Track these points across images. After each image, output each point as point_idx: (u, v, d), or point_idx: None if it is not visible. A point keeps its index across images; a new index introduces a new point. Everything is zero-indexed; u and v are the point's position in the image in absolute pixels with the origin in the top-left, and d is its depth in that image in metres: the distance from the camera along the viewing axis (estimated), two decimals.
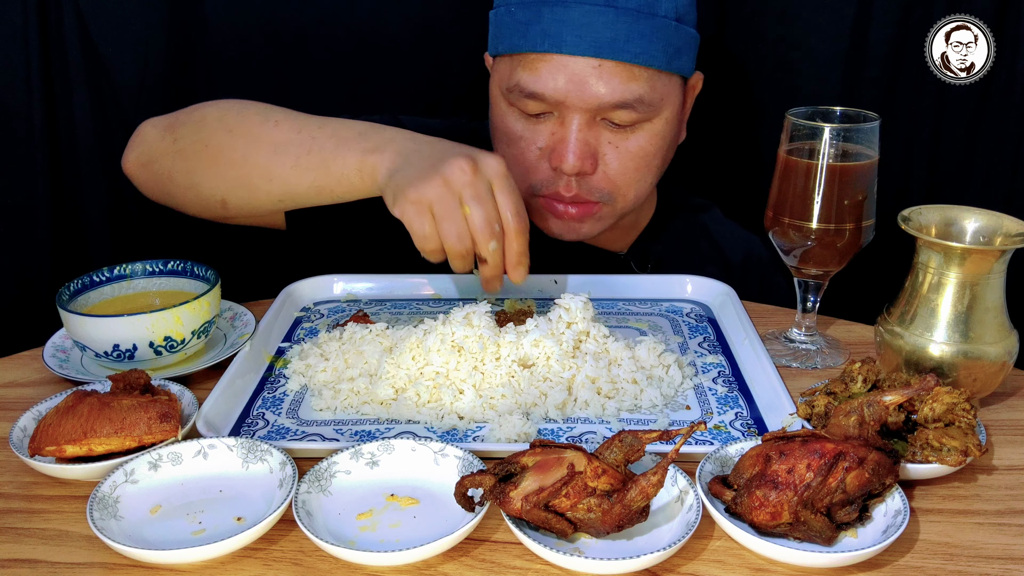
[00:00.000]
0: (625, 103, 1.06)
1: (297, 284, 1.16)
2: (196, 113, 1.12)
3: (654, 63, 1.06)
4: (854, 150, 0.94)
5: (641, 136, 1.10)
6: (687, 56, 1.11)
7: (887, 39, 1.39)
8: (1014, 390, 0.93)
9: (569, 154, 1.07)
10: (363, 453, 0.78)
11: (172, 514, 0.74)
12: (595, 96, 1.05)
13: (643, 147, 1.11)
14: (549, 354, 0.92)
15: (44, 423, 0.78)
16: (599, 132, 1.09)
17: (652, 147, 1.12)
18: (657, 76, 1.08)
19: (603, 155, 1.10)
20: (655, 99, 1.08)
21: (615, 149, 1.10)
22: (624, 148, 1.10)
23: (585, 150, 1.08)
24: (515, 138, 1.12)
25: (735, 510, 0.71)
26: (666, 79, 1.09)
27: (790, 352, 1.01)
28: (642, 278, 1.18)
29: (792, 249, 0.98)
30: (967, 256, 0.83)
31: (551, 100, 1.07)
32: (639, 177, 1.13)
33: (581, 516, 0.68)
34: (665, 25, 1.06)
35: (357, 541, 0.70)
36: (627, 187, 1.13)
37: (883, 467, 0.70)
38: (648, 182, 1.15)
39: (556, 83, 1.05)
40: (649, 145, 1.11)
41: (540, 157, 1.11)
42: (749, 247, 1.31)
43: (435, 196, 0.92)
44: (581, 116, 1.07)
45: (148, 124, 1.15)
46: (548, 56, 1.06)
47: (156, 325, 0.91)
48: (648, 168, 1.13)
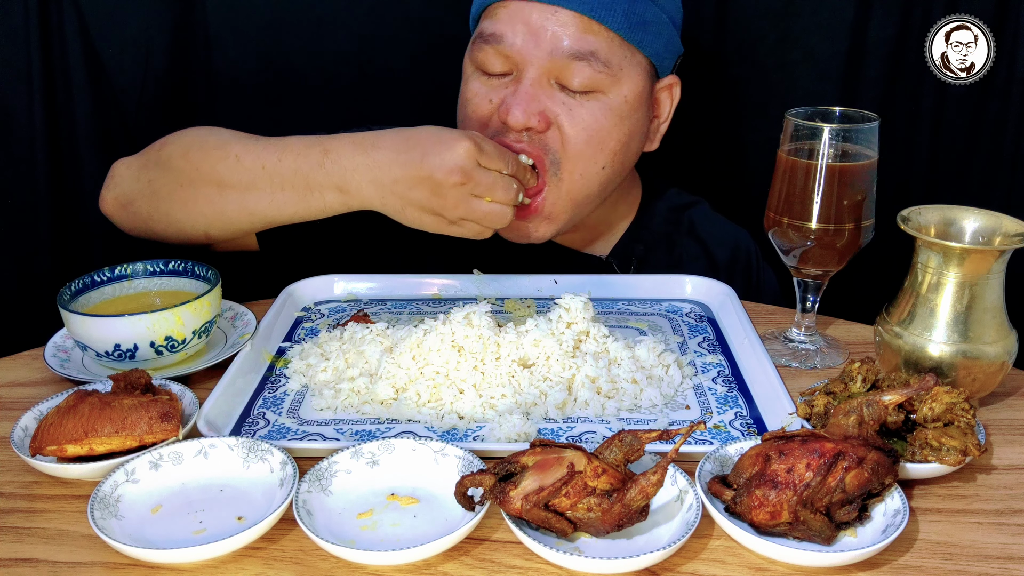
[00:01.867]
0: (578, 53, 1.05)
1: (298, 284, 1.16)
2: (163, 151, 1.12)
3: (612, 24, 1.05)
4: (854, 150, 0.94)
5: (595, 108, 1.08)
6: (655, 38, 1.09)
7: (887, 39, 1.39)
8: (1013, 390, 0.93)
9: (516, 107, 1.06)
10: (363, 453, 0.78)
11: (173, 513, 0.74)
12: (549, 43, 1.05)
13: (597, 120, 1.08)
14: (549, 354, 0.92)
15: (45, 423, 0.79)
16: (553, 92, 1.08)
17: (607, 122, 1.09)
18: (618, 42, 1.07)
19: (556, 115, 1.08)
20: (611, 61, 1.06)
21: (569, 112, 1.08)
22: (577, 115, 1.08)
23: (533, 105, 1.06)
24: (471, 97, 1.13)
25: (735, 510, 0.71)
26: (627, 52, 1.08)
27: (789, 352, 1.01)
28: (642, 278, 1.18)
29: (792, 249, 0.98)
30: (966, 256, 0.83)
31: (509, 45, 1.07)
32: (590, 154, 1.09)
33: (581, 515, 0.68)
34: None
35: (357, 540, 0.70)
36: (576, 159, 1.09)
37: (882, 467, 0.70)
38: (599, 164, 1.11)
39: (513, 27, 1.07)
40: (604, 119, 1.08)
41: (492, 111, 1.11)
42: (737, 241, 1.30)
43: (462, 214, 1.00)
44: (535, 71, 1.07)
45: (122, 164, 1.16)
46: (508, 3, 1.08)
47: (157, 325, 0.91)
48: (600, 148, 1.10)
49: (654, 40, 1.10)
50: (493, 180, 0.99)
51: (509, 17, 1.07)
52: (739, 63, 1.45)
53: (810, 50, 1.42)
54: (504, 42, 1.07)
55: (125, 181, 1.15)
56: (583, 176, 1.11)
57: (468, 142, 0.98)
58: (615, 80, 1.08)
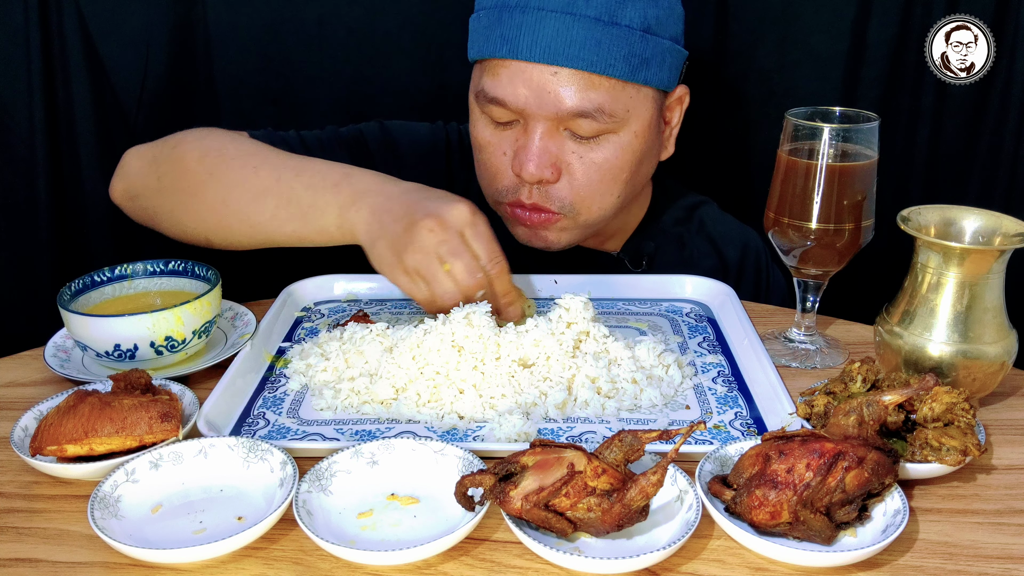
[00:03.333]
0: (584, 112, 1.04)
1: (298, 284, 1.16)
2: (178, 149, 1.11)
3: (613, 72, 1.04)
4: (854, 150, 0.94)
5: (606, 148, 1.08)
6: (659, 68, 1.08)
7: (887, 39, 1.39)
8: (1013, 390, 0.93)
9: (528, 161, 1.07)
10: (363, 452, 0.78)
11: (173, 513, 0.74)
12: (552, 104, 1.04)
13: (608, 160, 1.09)
14: (549, 354, 0.92)
15: (45, 423, 0.79)
16: (563, 142, 1.08)
17: (618, 161, 1.09)
18: (621, 86, 1.05)
19: (567, 165, 1.09)
20: (617, 110, 1.06)
21: (579, 160, 1.08)
22: (588, 159, 1.08)
23: (546, 158, 1.07)
24: (484, 144, 1.13)
25: (734, 510, 0.71)
26: (632, 91, 1.07)
27: (789, 352, 1.01)
28: (642, 278, 1.18)
29: (792, 249, 0.98)
30: (966, 256, 0.83)
31: (512, 106, 1.06)
32: (603, 190, 1.11)
33: (581, 515, 0.68)
34: (628, 34, 1.03)
35: (357, 540, 0.70)
36: (590, 200, 1.11)
37: (882, 467, 0.70)
38: (615, 195, 1.12)
39: (515, 89, 1.05)
40: (615, 158, 1.09)
41: (506, 164, 1.11)
42: (746, 241, 1.30)
43: (416, 263, 0.95)
44: (543, 124, 1.06)
45: (133, 154, 1.15)
46: (507, 62, 1.05)
47: (157, 325, 0.91)
48: (614, 182, 1.11)
49: (658, 71, 1.08)
50: (462, 253, 0.94)
51: (510, 79, 1.05)
52: (740, 64, 1.45)
53: (810, 50, 1.42)
54: (507, 105, 1.07)
55: (135, 173, 1.14)
56: (601, 208, 1.13)
57: (468, 208, 0.96)
58: (623, 122, 1.08)
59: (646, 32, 1.05)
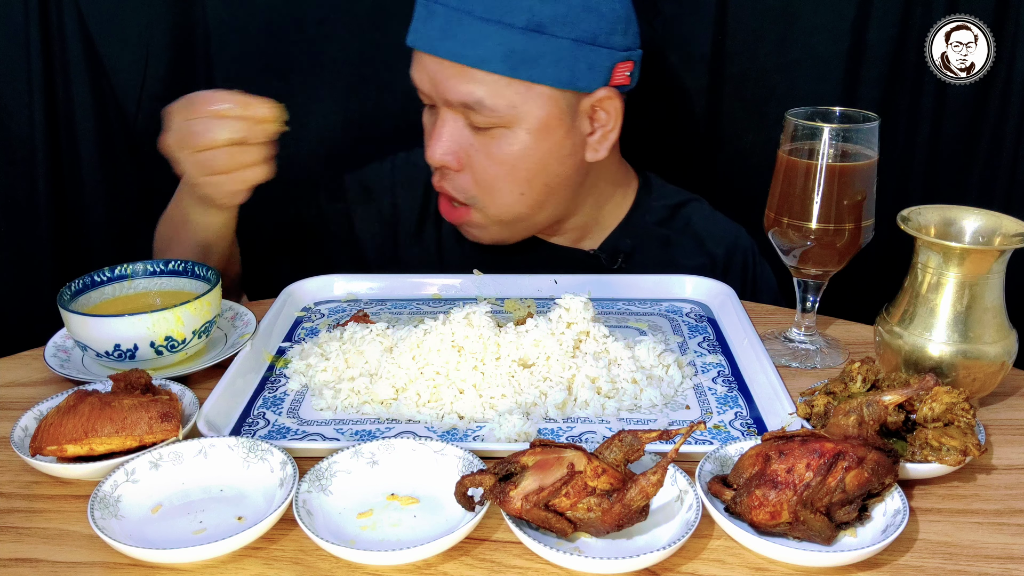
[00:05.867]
0: (466, 104, 1.09)
1: (298, 284, 1.16)
2: None
3: (491, 68, 1.07)
4: (854, 150, 0.94)
5: (502, 142, 1.12)
6: (552, 67, 1.08)
7: (887, 39, 1.39)
8: (1013, 390, 0.93)
9: (429, 147, 1.14)
10: (363, 452, 0.78)
11: (173, 513, 0.74)
12: (442, 92, 1.11)
13: (503, 155, 1.12)
14: (549, 354, 0.92)
15: (45, 423, 0.79)
16: (463, 133, 1.13)
17: (513, 157, 1.12)
18: (505, 82, 1.08)
19: (469, 156, 1.14)
20: (499, 105, 1.09)
21: (478, 152, 1.13)
22: (486, 152, 1.13)
23: (448, 145, 1.13)
24: (424, 128, 1.20)
25: (734, 510, 0.71)
26: (520, 87, 1.08)
27: (789, 352, 1.01)
28: (642, 278, 1.18)
29: (792, 249, 0.98)
30: (966, 256, 0.83)
31: (421, 91, 1.15)
32: (503, 186, 1.15)
33: (581, 515, 0.68)
34: (509, 32, 1.06)
35: (357, 540, 0.70)
36: (492, 193, 1.15)
37: (882, 467, 0.70)
38: (518, 192, 1.15)
39: (420, 75, 1.13)
40: (510, 155, 1.12)
41: None
42: (733, 239, 1.31)
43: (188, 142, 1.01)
44: (446, 112, 1.13)
45: None
46: (415, 51, 1.14)
47: (157, 325, 0.91)
48: (512, 178, 1.14)
49: (548, 68, 1.09)
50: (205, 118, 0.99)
51: (417, 65, 1.14)
52: (740, 64, 1.45)
53: (810, 50, 1.42)
54: (417, 88, 1.15)
55: None
56: (504, 203, 1.17)
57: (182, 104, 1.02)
58: (513, 117, 1.10)
59: (534, 31, 1.07)
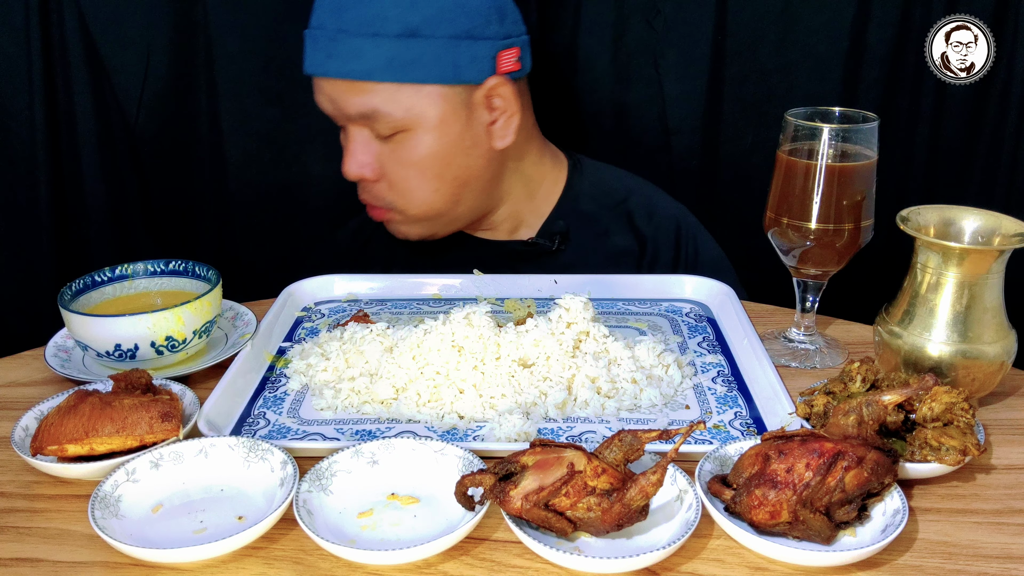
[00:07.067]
0: (364, 115, 1.14)
1: (298, 284, 1.16)
2: None
3: (376, 77, 1.11)
4: (853, 150, 0.94)
5: (407, 146, 1.15)
6: (434, 66, 1.12)
7: (887, 39, 1.39)
8: (1012, 390, 0.93)
9: (345, 163, 1.18)
10: (364, 452, 0.78)
11: (173, 513, 0.74)
12: (340, 109, 1.15)
13: (411, 157, 1.16)
14: (549, 354, 0.92)
15: (46, 422, 0.79)
16: (373, 145, 1.17)
17: (420, 157, 1.16)
18: (394, 88, 1.12)
19: (382, 165, 1.18)
20: (395, 110, 1.13)
21: (388, 160, 1.17)
22: (395, 158, 1.17)
23: (359, 159, 1.17)
24: None
25: (734, 509, 0.71)
26: (410, 91, 1.12)
27: (789, 352, 1.01)
28: (642, 278, 1.18)
29: (791, 249, 0.98)
30: (965, 256, 0.83)
31: (326, 112, 1.19)
32: (415, 186, 1.18)
33: (581, 515, 0.68)
34: (386, 42, 1.10)
35: (358, 540, 0.70)
36: (409, 195, 1.19)
37: (882, 466, 0.70)
38: (432, 189, 1.19)
39: (320, 99, 1.18)
40: (417, 155, 1.16)
41: None
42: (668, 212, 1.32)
43: None
44: (351, 129, 1.17)
45: None
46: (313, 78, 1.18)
47: (157, 325, 0.91)
48: (423, 177, 1.18)
49: (431, 68, 1.12)
50: None
51: (317, 90, 1.18)
52: (739, 63, 1.45)
53: (810, 50, 1.42)
54: (325, 112, 1.19)
55: None
56: (422, 202, 1.20)
57: None
58: (410, 119, 1.13)
59: (409, 36, 1.10)
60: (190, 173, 1.52)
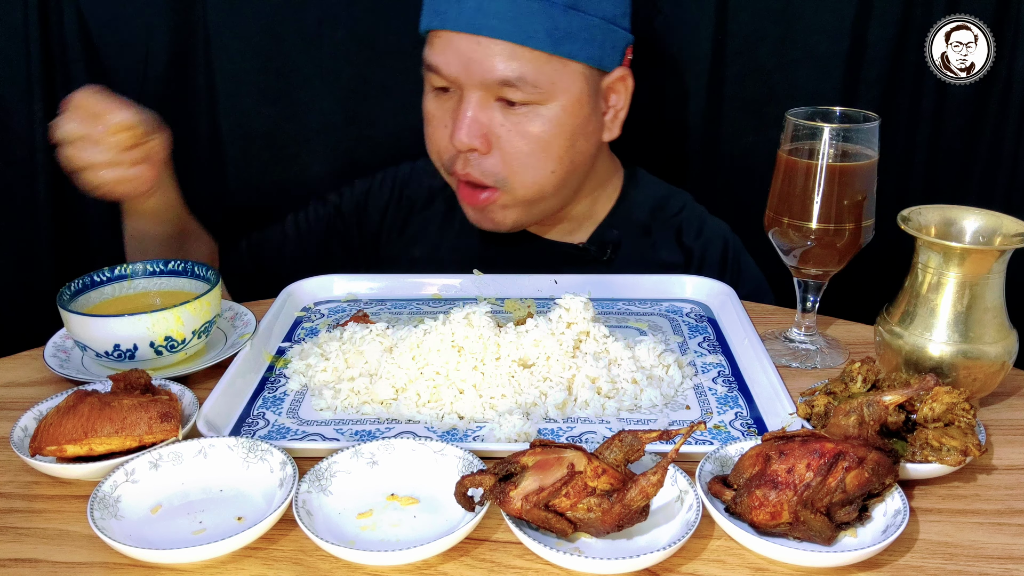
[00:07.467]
0: (507, 81, 1.09)
1: (298, 284, 1.16)
2: None
3: (535, 44, 1.08)
4: (854, 150, 0.94)
5: (535, 120, 1.12)
6: (586, 44, 1.11)
7: (887, 39, 1.39)
8: (1013, 390, 0.93)
9: (459, 130, 1.12)
10: (363, 453, 0.78)
11: (173, 514, 0.74)
12: (478, 72, 1.10)
13: (537, 132, 1.13)
14: (549, 354, 0.92)
15: (45, 423, 0.78)
16: (494, 113, 1.13)
17: (547, 134, 1.13)
18: (545, 58, 1.10)
19: (498, 137, 1.14)
20: (541, 81, 1.10)
21: (508, 131, 1.13)
22: (517, 130, 1.13)
23: (476, 127, 1.12)
24: (429, 116, 1.20)
25: (735, 510, 0.71)
26: (557, 64, 1.11)
27: (790, 352, 1.01)
28: (642, 278, 1.18)
29: (792, 249, 0.98)
30: (966, 256, 0.83)
31: (444, 74, 1.13)
32: (533, 163, 1.15)
33: (581, 516, 0.68)
34: (550, 7, 1.08)
35: (357, 541, 0.70)
36: (522, 172, 1.15)
37: (883, 467, 0.70)
38: (548, 169, 1.16)
39: (446, 58, 1.12)
40: (544, 131, 1.13)
41: (446, 136, 1.16)
42: (715, 231, 1.32)
43: None
44: (474, 93, 1.12)
45: None
46: (441, 32, 1.12)
47: (157, 325, 0.91)
48: (545, 154, 1.14)
49: (584, 47, 1.12)
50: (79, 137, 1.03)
51: (442, 47, 1.12)
52: (740, 64, 1.45)
53: (810, 50, 1.42)
54: (441, 72, 1.13)
55: None
56: (534, 181, 1.17)
57: None
58: (550, 94, 1.12)
59: (570, 8, 1.09)
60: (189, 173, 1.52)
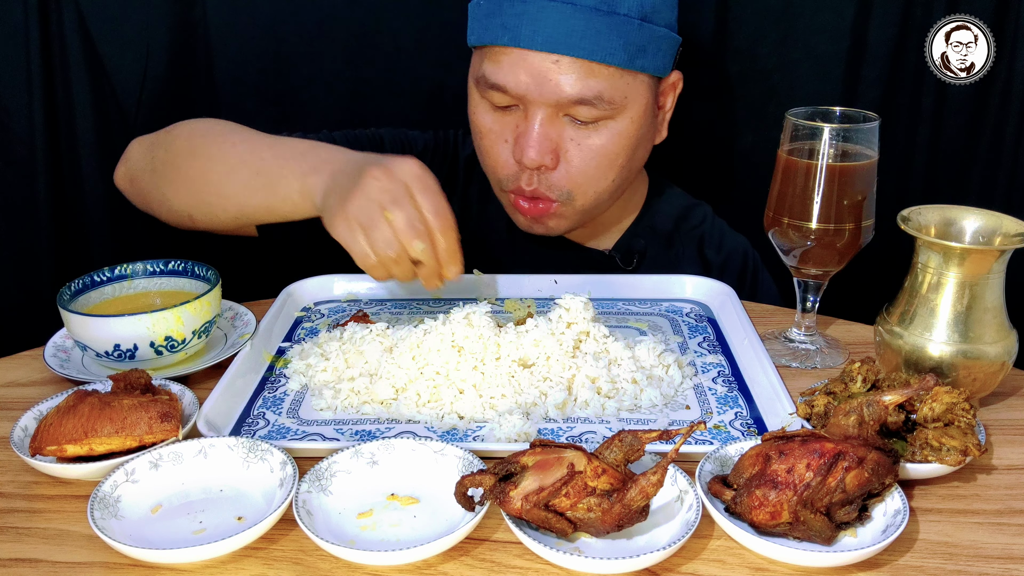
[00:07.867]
0: (584, 99, 1.06)
1: (298, 284, 1.16)
2: (172, 132, 1.15)
3: (613, 60, 1.06)
4: (854, 150, 0.94)
5: (604, 134, 1.10)
6: (655, 55, 1.10)
7: (887, 39, 1.39)
8: (1013, 390, 0.93)
9: (529, 148, 1.09)
10: (363, 453, 0.78)
11: (173, 513, 0.74)
12: (553, 92, 1.06)
13: (606, 145, 1.11)
14: (549, 354, 0.92)
15: (45, 423, 0.79)
16: (562, 128, 1.10)
17: (615, 146, 1.12)
18: (619, 74, 1.07)
19: (565, 151, 1.11)
20: (616, 97, 1.08)
21: (577, 146, 1.11)
22: (586, 145, 1.11)
23: (546, 145, 1.09)
24: (485, 131, 1.15)
25: (735, 510, 0.71)
26: (630, 78, 1.09)
27: (790, 352, 1.01)
28: (642, 278, 1.18)
29: (792, 249, 0.98)
30: (966, 256, 0.83)
31: (513, 93, 1.08)
32: (600, 175, 1.13)
33: (581, 516, 0.68)
34: (626, 23, 1.05)
35: (357, 540, 0.70)
36: (587, 185, 1.13)
37: (882, 467, 0.70)
38: (610, 181, 1.15)
39: (516, 77, 1.07)
40: (612, 144, 1.11)
41: (506, 151, 1.13)
42: (732, 246, 1.31)
43: (357, 210, 0.93)
44: (543, 110, 1.08)
45: (136, 141, 1.20)
46: (509, 49, 1.07)
47: (157, 325, 0.91)
48: (611, 167, 1.13)
49: (654, 58, 1.10)
50: (404, 202, 0.93)
51: (511, 66, 1.07)
52: (739, 63, 1.45)
53: (810, 50, 1.42)
54: (509, 91, 1.08)
55: (135, 157, 1.19)
56: (597, 194, 1.15)
57: (416, 163, 0.96)
58: (621, 108, 1.09)
59: (643, 20, 1.07)
60: None
